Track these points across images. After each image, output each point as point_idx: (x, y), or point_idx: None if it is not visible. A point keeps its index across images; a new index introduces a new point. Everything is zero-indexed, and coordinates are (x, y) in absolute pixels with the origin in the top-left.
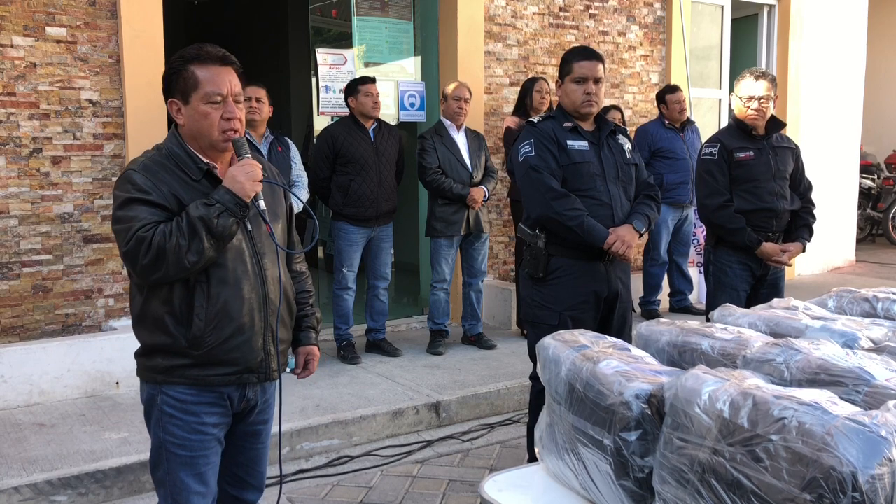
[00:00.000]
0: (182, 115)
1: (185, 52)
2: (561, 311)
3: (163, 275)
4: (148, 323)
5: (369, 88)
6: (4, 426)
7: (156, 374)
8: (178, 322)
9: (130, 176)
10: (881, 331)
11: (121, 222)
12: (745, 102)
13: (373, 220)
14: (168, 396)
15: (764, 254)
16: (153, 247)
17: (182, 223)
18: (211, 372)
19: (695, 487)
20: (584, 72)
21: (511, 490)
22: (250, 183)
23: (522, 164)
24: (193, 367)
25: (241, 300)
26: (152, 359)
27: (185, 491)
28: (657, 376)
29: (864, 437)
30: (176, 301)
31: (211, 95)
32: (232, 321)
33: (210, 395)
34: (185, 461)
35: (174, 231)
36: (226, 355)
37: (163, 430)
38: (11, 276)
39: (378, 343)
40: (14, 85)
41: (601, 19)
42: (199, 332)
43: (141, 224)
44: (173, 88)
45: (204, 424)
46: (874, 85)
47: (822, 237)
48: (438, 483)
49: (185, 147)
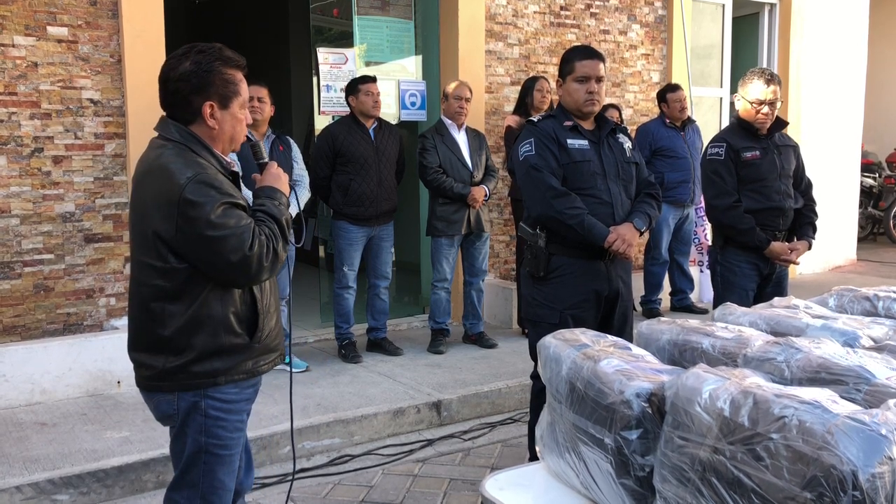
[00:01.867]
0: (215, 119)
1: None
2: (562, 309)
3: (269, 276)
4: (205, 328)
5: (370, 87)
6: (6, 425)
7: (206, 378)
8: (239, 320)
9: (206, 179)
10: (882, 329)
11: (223, 228)
12: (755, 106)
13: (373, 219)
14: (214, 400)
15: (773, 253)
16: (270, 250)
17: (272, 226)
18: (263, 361)
19: (695, 486)
20: (586, 71)
21: (512, 489)
22: (286, 186)
23: (523, 163)
24: (249, 360)
25: (272, 290)
26: (209, 362)
27: (220, 489)
28: (658, 375)
29: (864, 436)
30: (237, 300)
31: (246, 102)
32: (275, 310)
33: (250, 390)
34: (225, 461)
35: (271, 234)
36: (272, 342)
37: (206, 434)
38: (13, 275)
39: (379, 342)
40: (15, 84)
41: (602, 18)
42: (262, 324)
43: (251, 228)
44: (209, 90)
45: (243, 421)
46: (875, 83)
47: (823, 236)
48: (439, 482)
49: (210, 148)
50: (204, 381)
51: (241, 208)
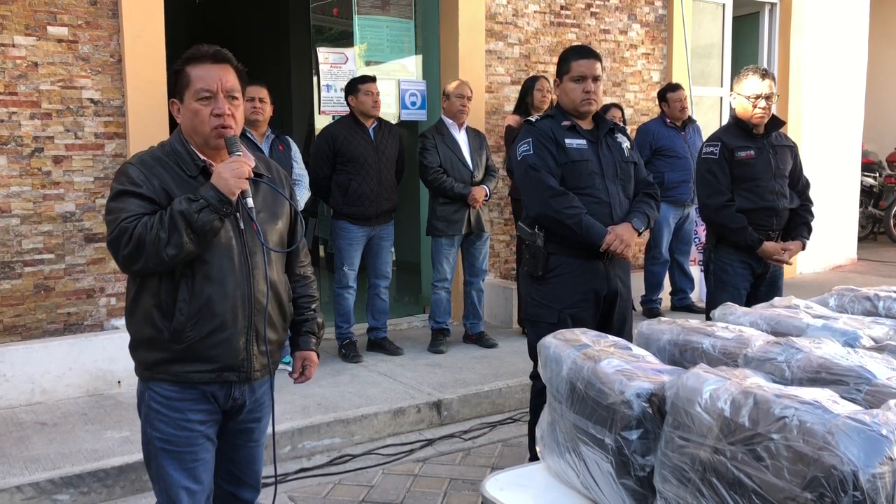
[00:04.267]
0: (180, 115)
1: (185, 54)
2: (560, 309)
3: (142, 266)
4: (137, 315)
5: (369, 87)
6: (7, 425)
7: (144, 369)
8: (163, 315)
9: (126, 169)
10: (882, 329)
11: (110, 213)
12: (753, 101)
13: (373, 218)
14: (154, 392)
15: (765, 253)
16: (133, 237)
17: (164, 217)
18: (191, 368)
19: (696, 486)
20: (582, 70)
21: (512, 489)
22: (234, 180)
23: (521, 163)
24: (175, 363)
25: (225, 297)
26: (138, 351)
27: (175, 485)
28: (658, 375)
29: (865, 436)
30: (163, 294)
31: (200, 92)
32: (214, 317)
33: (193, 392)
34: (173, 456)
35: (156, 224)
36: (206, 351)
37: (150, 425)
38: (13, 275)
39: (379, 342)
40: (16, 84)
41: (602, 17)
42: (180, 325)
43: (127, 215)
44: (173, 89)
45: (189, 421)
46: (876, 83)
47: (824, 235)
48: (440, 482)
49: (186, 145)
50: (143, 371)
51: (137, 196)
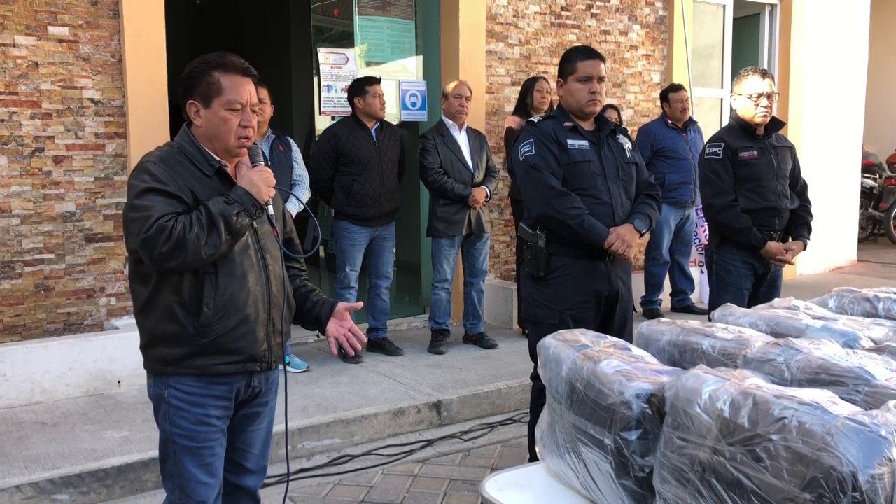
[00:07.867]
0: (200, 118)
1: (210, 58)
2: (562, 310)
3: (179, 263)
4: (155, 312)
5: (377, 89)
6: (6, 425)
7: (163, 365)
8: (187, 311)
9: (147, 167)
10: (882, 331)
11: (138, 210)
12: (755, 100)
13: (375, 219)
14: (175, 389)
15: (768, 253)
16: (174, 236)
17: (202, 217)
18: (217, 361)
19: (695, 487)
20: (588, 70)
21: (512, 489)
22: (266, 188)
23: (523, 164)
24: (200, 357)
25: (247, 292)
26: (158, 348)
27: (192, 481)
28: (658, 376)
29: (864, 437)
30: (185, 291)
31: (232, 103)
32: (238, 311)
33: (217, 388)
34: (192, 452)
35: (195, 223)
36: (231, 344)
37: (170, 423)
38: (13, 275)
39: (379, 342)
40: (16, 84)
41: (603, 18)
42: (208, 320)
43: (161, 213)
44: (194, 91)
45: (209, 416)
46: (876, 84)
47: (824, 237)
48: (439, 482)
49: (199, 145)
50: (163, 367)
51: (164, 194)
